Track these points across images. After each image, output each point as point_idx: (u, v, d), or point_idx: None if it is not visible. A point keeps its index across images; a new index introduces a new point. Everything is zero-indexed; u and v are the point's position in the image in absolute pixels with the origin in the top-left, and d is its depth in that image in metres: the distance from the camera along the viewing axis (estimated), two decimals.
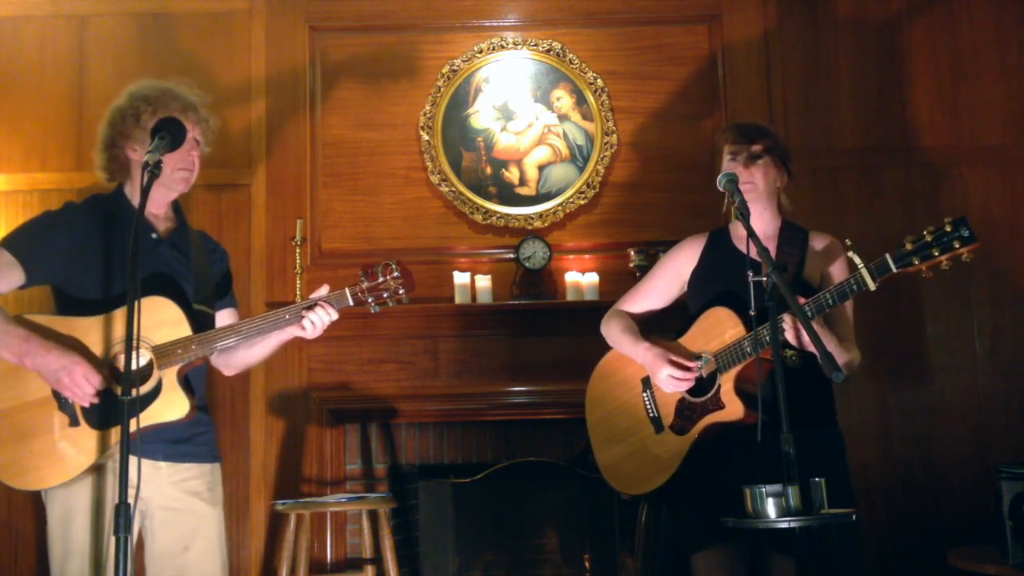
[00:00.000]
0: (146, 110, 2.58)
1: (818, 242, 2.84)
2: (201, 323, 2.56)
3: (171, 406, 2.46)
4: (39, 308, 2.63)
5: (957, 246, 2.40)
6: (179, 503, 2.58)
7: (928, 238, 2.43)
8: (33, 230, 2.60)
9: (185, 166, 2.63)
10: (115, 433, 2.42)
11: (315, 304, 2.55)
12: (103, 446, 2.43)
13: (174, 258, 2.64)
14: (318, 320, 2.54)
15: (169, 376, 2.46)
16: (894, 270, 2.46)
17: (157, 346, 2.46)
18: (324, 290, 2.58)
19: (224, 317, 2.76)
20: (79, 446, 2.43)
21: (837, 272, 2.79)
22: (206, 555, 2.60)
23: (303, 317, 2.54)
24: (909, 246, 2.45)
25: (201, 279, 2.66)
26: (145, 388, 2.44)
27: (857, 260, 2.49)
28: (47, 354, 2.40)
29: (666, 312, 3.00)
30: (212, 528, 2.63)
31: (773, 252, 2.76)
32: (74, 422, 2.44)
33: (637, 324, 2.95)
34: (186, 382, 2.52)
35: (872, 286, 2.48)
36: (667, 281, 2.96)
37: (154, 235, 2.63)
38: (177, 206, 2.75)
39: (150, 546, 2.58)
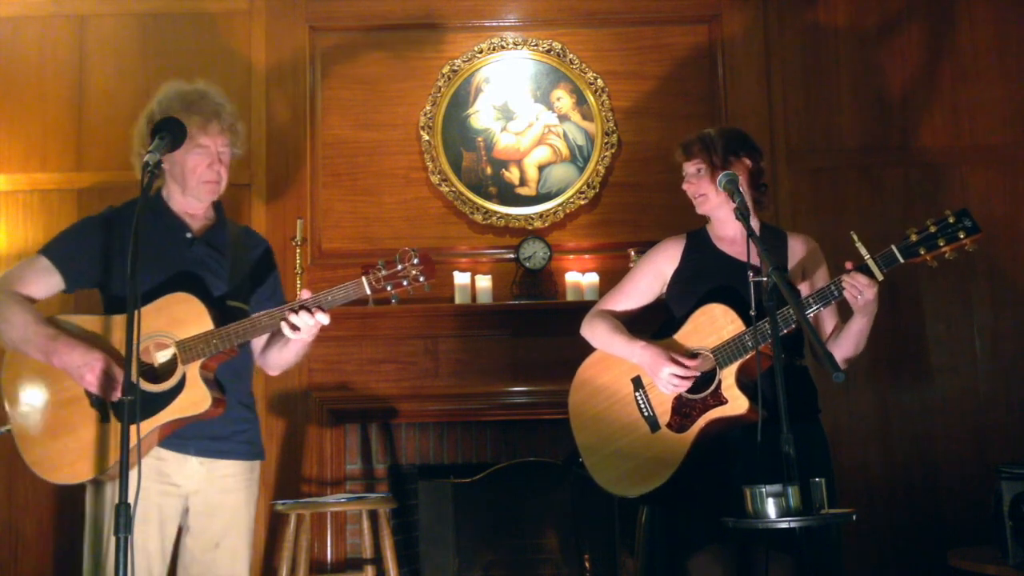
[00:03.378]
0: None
1: (797, 244, 2.86)
2: (233, 320, 2.55)
3: (193, 401, 2.48)
4: (83, 309, 2.69)
5: (962, 236, 2.47)
6: (214, 500, 2.60)
7: (932, 229, 2.49)
8: (70, 236, 2.67)
9: (208, 178, 2.64)
10: (144, 428, 2.44)
11: (300, 308, 2.48)
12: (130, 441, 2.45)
13: (209, 256, 2.66)
14: (302, 323, 2.48)
15: (192, 371, 2.48)
16: (901, 260, 2.52)
17: (180, 341, 2.48)
18: (306, 293, 2.53)
19: None
20: (109, 442, 2.47)
21: (821, 275, 2.81)
22: (236, 553, 2.62)
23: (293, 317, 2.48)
24: (914, 237, 2.50)
25: (237, 277, 2.67)
26: (170, 383, 2.47)
27: (864, 251, 2.52)
28: (71, 352, 2.46)
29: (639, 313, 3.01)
30: (243, 526, 2.65)
31: (755, 254, 2.77)
32: (104, 418, 2.49)
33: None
34: (213, 378, 2.54)
35: (880, 276, 2.52)
36: (648, 282, 2.95)
37: (188, 234, 2.66)
38: (217, 204, 2.77)
39: (184, 539, 2.61)
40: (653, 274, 2.94)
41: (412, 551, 4.38)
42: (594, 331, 2.94)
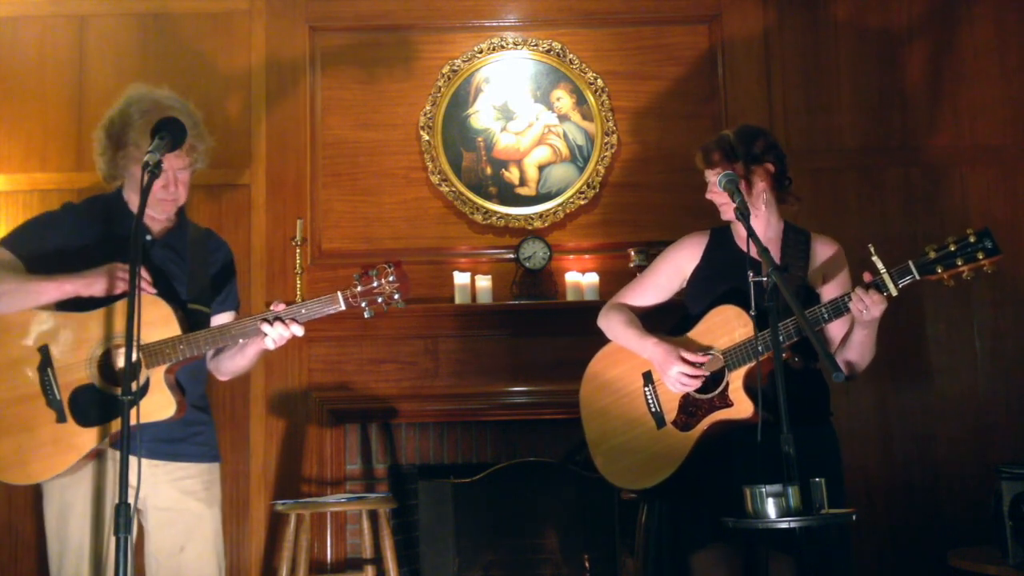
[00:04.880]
0: (129, 140, 2.57)
1: (821, 246, 2.83)
2: (196, 323, 2.55)
3: (158, 406, 2.46)
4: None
5: (980, 257, 2.43)
6: (174, 503, 2.58)
7: (952, 247, 2.45)
8: (31, 229, 2.64)
9: (164, 197, 2.61)
10: (102, 430, 2.44)
11: (275, 319, 2.48)
12: (89, 443, 2.44)
13: (168, 259, 2.65)
14: (276, 335, 2.48)
15: (157, 375, 2.46)
16: (916, 277, 2.48)
17: (146, 345, 2.45)
18: (280, 305, 2.52)
19: (223, 320, 2.73)
20: (65, 442, 2.44)
21: (840, 281, 2.78)
22: (202, 556, 2.61)
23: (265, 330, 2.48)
24: (932, 254, 2.46)
25: (197, 279, 2.66)
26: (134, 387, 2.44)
27: (880, 265, 2.49)
28: (83, 274, 2.45)
29: (657, 309, 3.00)
30: (208, 528, 2.63)
31: (777, 255, 2.77)
32: (61, 418, 2.46)
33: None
34: (175, 381, 2.52)
35: (894, 291, 2.49)
36: (668, 277, 2.94)
37: (148, 237, 2.64)
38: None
39: (147, 546, 2.59)
40: (673, 269, 2.93)
41: (412, 551, 4.38)
42: (609, 323, 2.94)
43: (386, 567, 3.75)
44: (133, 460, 2.07)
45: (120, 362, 2.47)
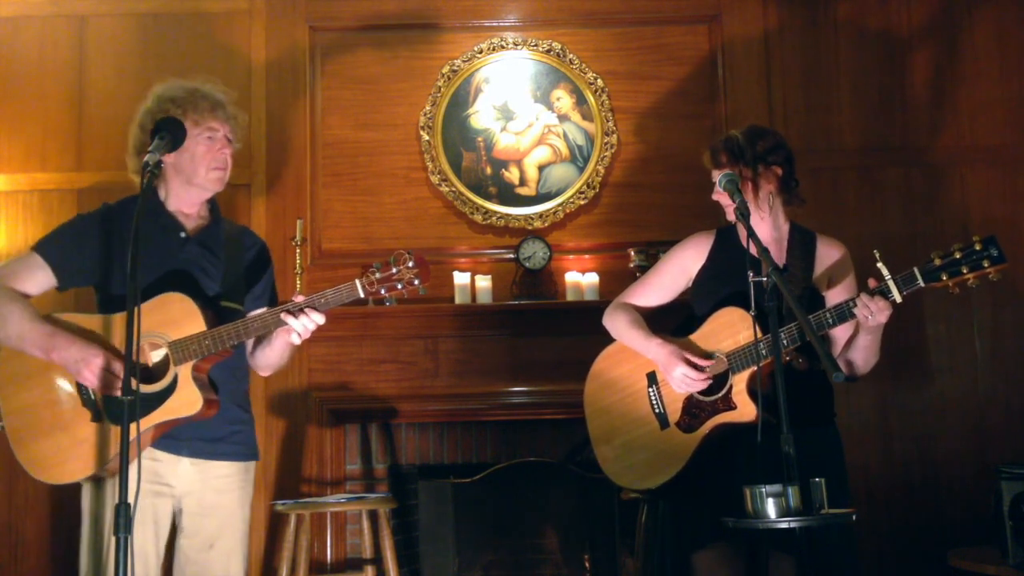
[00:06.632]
0: (175, 112, 2.58)
1: (827, 249, 2.82)
2: (228, 320, 2.55)
3: (185, 402, 2.47)
4: (83, 308, 2.68)
5: (986, 265, 2.42)
6: (208, 501, 2.60)
7: (957, 255, 2.43)
8: (64, 234, 2.65)
9: (218, 165, 2.64)
10: (135, 428, 2.43)
11: (300, 310, 2.48)
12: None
13: (202, 256, 2.65)
14: (300, 326, 2.49)
15: (184, 372, 2.47)
16: (922, 284, 2.46)
17: (173, 341, 2.47)
18: (300, 297, 2.53)
19: None
20: (101, 441, 2.46)
21: (846, 285, 2.77)
22: (230, 554, 2.62)
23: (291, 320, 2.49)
24: (938, 261, 2.45)
25: (231, 276, 2.66)
26: (162, 383, 2.46)
27: (885, 271, 2.48)
28: (70, 347, 2.45)
29: (662, 309, 3.00)
30: (237, 528, 2.64)
31: (782, 256, 2.76)
32: (96, 417, 2.48)
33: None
34: (207, 379, 2.53)
35: (899, 298, 2.48)
36: (673, 278, 2.93)
37: (182, 234, 2.65)
38: (213, 203, 2.76)
39: (178, 540, 2.61)
40: (679, 269, 2.92)
41: (412, 551, 4.38)
42: (614, 323, 2.93)
43: (386, 567, 3.75)
44: (133, 463, 2.08)
45: (152, 359, 2.50)
